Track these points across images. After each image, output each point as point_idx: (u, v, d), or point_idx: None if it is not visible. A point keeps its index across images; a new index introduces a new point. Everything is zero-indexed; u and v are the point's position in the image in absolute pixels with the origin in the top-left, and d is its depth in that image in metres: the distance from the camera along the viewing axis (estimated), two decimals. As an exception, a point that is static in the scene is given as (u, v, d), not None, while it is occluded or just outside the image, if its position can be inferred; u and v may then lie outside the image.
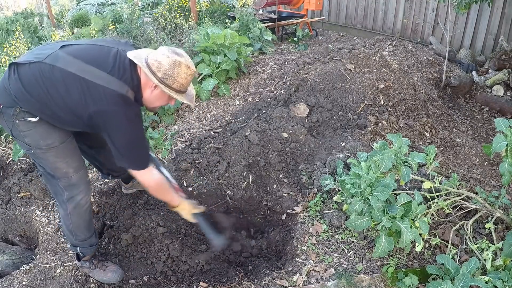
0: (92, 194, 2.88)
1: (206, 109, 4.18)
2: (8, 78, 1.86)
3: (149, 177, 2.06)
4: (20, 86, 1.83)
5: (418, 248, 2.11)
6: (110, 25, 5.84)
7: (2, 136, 3.68)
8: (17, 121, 1.88)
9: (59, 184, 2.07)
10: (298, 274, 2.23)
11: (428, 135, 3.74)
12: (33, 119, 1.89)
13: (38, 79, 1.82)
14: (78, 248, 2.29)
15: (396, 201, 2.14)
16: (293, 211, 2.75)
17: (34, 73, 1.83)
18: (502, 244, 2.07)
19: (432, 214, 2.40)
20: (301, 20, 7.01)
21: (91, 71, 1.83)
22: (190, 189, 2.97)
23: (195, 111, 4.16)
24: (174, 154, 3.39)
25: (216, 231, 2.46)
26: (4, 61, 4.12)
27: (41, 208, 2.94)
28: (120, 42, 2.07)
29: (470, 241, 2.26)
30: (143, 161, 2.02)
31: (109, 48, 1.94)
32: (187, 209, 2.29)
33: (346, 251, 2.38)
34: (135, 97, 1.95)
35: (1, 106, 1.89)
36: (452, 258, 2.11)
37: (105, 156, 2.49)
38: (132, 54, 1.90)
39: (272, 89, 4.24)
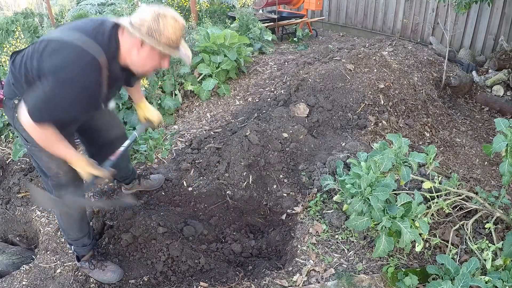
0: (92, 194, 2.88)
1: (206, 109, 4.18)
2: (9, 68, 1.88)
3: (38, 129, 1.75)
4: (12, 70, 1.85)
5: (418, 248, 2.11)
6: (110, 25, 5.82)
7: (2, 136, 3.68)
8: (16, 114, 1.87)
9: (49, 183, 2.09)
10: (298, 274, 2.23)
11: (428, 135, 3.74)
12: None
13: (26, 59, 1.79)
14: (73, 247, 2.30)
15: (396, 201, 2.14)
16: (293, 211, 2.75)
17: (24, 55, 1.82)
18: (502, 244, 2.07)
19: (432, 214, 2.40)
20: (301, 20, 7.01)
21: (69, 34, 1.73)
22: (190, 189, 2.97)
23: (195, 111, 4.16)
24: (174, 154, 3.38)
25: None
26: (4, 61, 4.12)
27: (41, 208, 2.93)
28: (112, 17, 1.96)
29: (470, 241, 2.26)
30: (46, 117, 1.73)
31: (102, 19, 1.84)
32: (80, 167, 1.94)
33: (346, 251, 2.38)
34: (109, 66, 1.77)
35: (4, 98, 1.91)
36: (452, 258, 2.11)
37: (101, 158, 2.46)
38: (114, 18, 1.78)
39: (272, 89, 4.24)
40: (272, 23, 6.63)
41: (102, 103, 1.93)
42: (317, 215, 2.64)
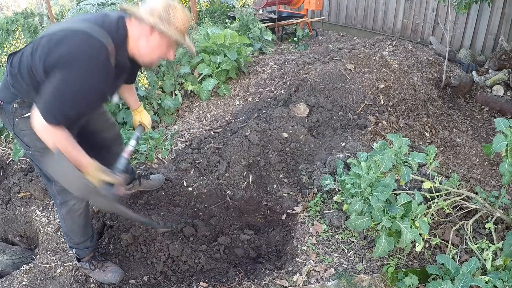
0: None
1: (206, 109, 4.18)
2: (6, 70, 1.84)
3: (53, 132, 1.67)
4: (13, 72, 1.79)
5: (418, 248, 2.11)
6: (110, 25, 5.83)
7: (2, 136, 3.68)
8: (16, 119, 1.85)
9: (53, 188, 2.06)
10: (298, 274, 2.23)
11: (428, 135, 3.74)
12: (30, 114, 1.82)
13: (26, 56, 1.75)
14: (74, 250, 2.29)
15: (396, 201, 2.14)
16: (293, 211, 2.75)
17: (23, 53, 1.78)
18: (502, 244, 2.07)
19: (432, 214, 2.40)
20: (301, 20, 7.01)
21: (74, 23, 1.70)
22: (190, 189, 2.97)
23: (195, 111, 4.17)
24: (174, 154, 3.39)
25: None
26: (4, 61, 4.12)
27: (41, 208, 2.94)
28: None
29: (470, 241, 2.26)
30: (60, 116, 1.66)
31: (104, 11, 1.84)
32: (92, 173, 1.81)
33: (346, 251, 2.38)
34: (117, 56, 1.74)
35: (1, 103, 1.86)
36: (452, 258, 2.11)
37: (113, 159, 2.41)
38: (123, 8, 1.76)
39: (272, 89, 4.24)
40: (272, 23, 6.63)
41: (107, 98, 1.93)
42: (317, 215, 2.64)
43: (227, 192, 2.97)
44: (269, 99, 3.99)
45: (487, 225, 2.27)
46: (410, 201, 2.09)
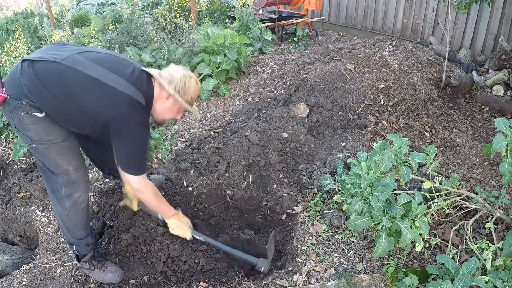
0: (92, 194, 2.89)
1: (206, 109, 4.18)
2: (21, 71, 1.87)
3: (145, 183, 2.13)
4: (36, 81, 1.85)
5: (418, 248, 2.11)
6: (110, 25, 5.84)
7: (2, 136, 3.68)
8: (22, 113, 1.88)
9: (58, 181, 2.08)
10: (298, 274, 2.23)
11: (428, 135, 3.74)
12: (39, 115, 1.89)
13: (54, 77, 1.86)
14: (74, 247, 2.29)
15: (396, 201, 2.14)
16: (293, 211, 2.75)
17: (50, 71, 1.86)
18: (502, 244, 2.07)
19: (432, 214, 2.40)
20: (301, 20, 7.01)
21: (111, 77, 1.92)
22: (190, 189, 2.97)
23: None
24: (174, 154, 3.39)
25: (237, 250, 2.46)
26: (4, 61, 4.12)
27: (41, 208, 2.94)
28: (134, 60, 2.23)
29: (470, 241, 2.26)
30: (143, 166, 2.10)
31: (127, 61, 2.07)
32: (184, 222, 2.38)
33: (346, 251, 2.38)
34: (147, 106, 2.06)
35: (8, 97, 1.89)
36: (452, 258, 2.11)
37: (109, 156, 2.49)
38: (147, 68, 2.07)
39: (272, 89, 4.24)
40: (272, 23, 6.63)
41: None
42: (317, 215, 2.64)
43: (227, 192, 2.97)
44: (269, 99, 3.99)
45: (487, 225, 2.27)
46: (410, 201, 2.09)
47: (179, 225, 2.36)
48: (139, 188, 2.13)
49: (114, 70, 1.95)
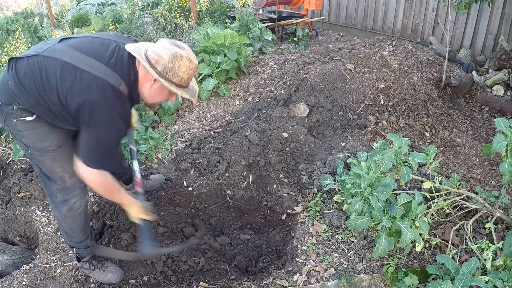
0: (92, 194, 2.88)
1: (206, 109, 4.18)
2: (7, 73, 1.83)
3: (97, 176, 1.89)
4: (16, 80, 1.80)
5: (418, 248, 2.11)
6: (110, 25, 5.84)
7: (2, 136, 3.68)
8: (15, 120, 1.85)
9: (54, 187, 2.05)
10: (298, 274, 2.23)
11: (428, 135, 3.74)
12: (30, 118, 1.84)
13: (34, 71, 1.78)
14: (74, 249, 2.28)
15: (396, 201, 2.14)
16: (293, 211, 2.75)
17: (31, 66, 1.79)
18: (502, 244, 2.07)
19: (432, 214, 2.40)
20: (301, 20, 7.01)
21: (87, 62, 1.77)
22: (190, 189, 2.97)
23: (195, 111, 4.17)
24: (174, 154, 3.38)
25: (154, 240, 2.33)
26: (4, 61, 4.12)
27: (41, 208, 2.94)
28: (122, 36, 2.02)
29: (470, 241, 2.26)
30: (104, 164, 1.89)
31: (110, 41, 1.88)
32: (133, 211, 2.13)
33: (346, 251, 2.38)
34: (130, 94, 1.86)
35: (0, 104, 1.85)
36: (452, 258, 2.11)
37: None
38: (130, 47, 1.82)
39: (272, 89, 4.24)
40: (272, 23, 6.63)
41: None
42: (317, 215, 2.64)
43: (227, 192, 2.97)
44: (269, 99, 3.99)
45: (487, 225, 2.27)
46: (410, 201, 2.09)
47: (138, 210, 2.15)
48: (88, 179, 1.92)
49: (91, 53, 1.79)
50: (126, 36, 2.06)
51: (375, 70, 4.08)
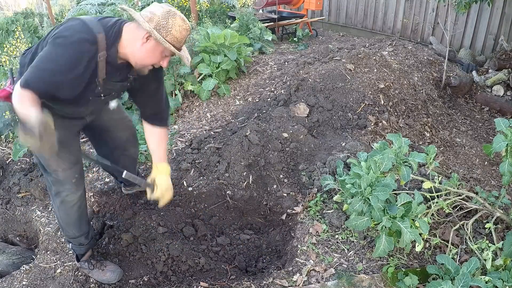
0: (92, 194, 2.88)
1: (206, 109, 4.18)
2: (20, 65, 1.88)
3: (20, 91, 1.65)
4: (24, 64, 1.84)
5: (418, 248, 2.11)
6: (110, 25, 5.83)
7: (2, 136, 3.68)
8: None
9: (49, 179, 2.10)
10: (298, 274, 2.23)
11: (428, 135, 3.74)
12: None
13: (34, 52, 1.83)
14: (70, 245, 2.31)
15: (396, 201, 2.14)
16: (293, 211, 2.75)
17: (32, 50, 1.84)
18: (502, 244, 2.07)
19: (432, 214, 2.40)
20: (301, 20, 7.01)
21: (80, 18, 1.78)
22: (190, 189, 2.97)
23: (195, 111, 4.16)
24: (174, 154, 3.38)
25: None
26: (4, 61, 4.12)
27: (41, 208, 2.94)
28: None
29: (470, 241, 2.26)
30: (35, 84, 1.66)
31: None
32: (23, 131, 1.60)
33: (346, 251, 2.38)
34: (107, 50, 1.77)
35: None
36: (452, 258, 2.11)
37: (124, 161, 2.49)
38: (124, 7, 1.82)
39: (272, 89, 4.24)
40: (272, 23, 6.63)
41: (98, 94, 1.92)
42: (317, 215, 2.64)
43: (227, 192, 2.97)
44: (269, 99, 3.99)
45: (487, 225, 2.27)
46: (410, 201, 2.09)
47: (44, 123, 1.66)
48: (14, 96, 1.67)
49: (90, 18, 1.81)
50: None
51: (375, 70, 4.08)
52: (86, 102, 1.96)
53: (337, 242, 2.44)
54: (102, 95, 1.95)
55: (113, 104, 2.17)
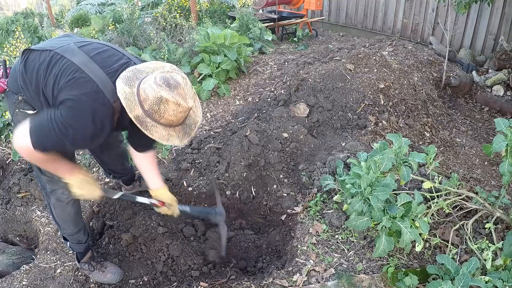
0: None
1: (206, 109, 4.18)
2: (19, 62, 1.86)
3: (33, 154, 1.72)
4: (23, 71, 1.82)
5: (418, 248, 2.11)
6: (110, 25, 5.84)
7: (2, 136, 3.68)
8: (17, 110, 1.89)
9: (43, 178, 2.10)
10: (298, 274, 2.23)
11: (428, 135, 3.74)
12: (30, 112, 1.88)
13: (42, 65, 1.77)
14: (68, 243, 2.30)
15: (396, 201, 2.14)
16: (293, 211, 2.75)
17: (41, 59, 1.79)
18: (502, 244, 2.07)
19: (432, 214, 2.40)
20: (301, 20, 7.01)
21: (90, 66, 1.72)
22: (190, 189, 2.97)
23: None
24: (174, 154, 3.38)
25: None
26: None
27: (41, 208, 2.94)
28: (137, 58, 1.96)
29: (470, 241, 2.26)
30: (44, 144, 1.71)
31: (123, 55, 1.85)
32: (76, 183, 1.90)
33: (346, 251, 2.38)
34: (119, 119, 1.79)
35: (7, 89, 1.90)
36: (452, 258, 2.11)
37: (108, 157, 2.56)
38: (128, 73, 1.72)
39: (272, 89, 4.24)
40: (272, 23, 6.63)
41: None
42: (317, 215, 2.64)
43: (227, 192, 2.97)
44: (269, 99, 3.99)
45: (487, 225, 2.27)
46: (410, 201, 2.09)
47: (84, 182, 1.94)
48: (18, 148, 1.75)
49: (99, 61, 1.75)
50: (139, 57, 2.05)
51: (375, 70, 4.08)
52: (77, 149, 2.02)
53: (337, 242, 2.44)
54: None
55: None
